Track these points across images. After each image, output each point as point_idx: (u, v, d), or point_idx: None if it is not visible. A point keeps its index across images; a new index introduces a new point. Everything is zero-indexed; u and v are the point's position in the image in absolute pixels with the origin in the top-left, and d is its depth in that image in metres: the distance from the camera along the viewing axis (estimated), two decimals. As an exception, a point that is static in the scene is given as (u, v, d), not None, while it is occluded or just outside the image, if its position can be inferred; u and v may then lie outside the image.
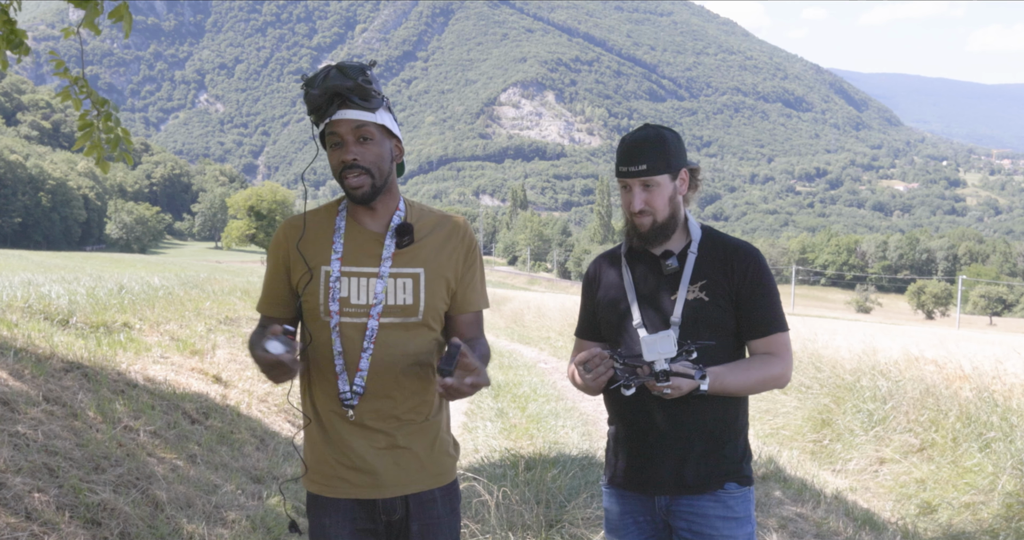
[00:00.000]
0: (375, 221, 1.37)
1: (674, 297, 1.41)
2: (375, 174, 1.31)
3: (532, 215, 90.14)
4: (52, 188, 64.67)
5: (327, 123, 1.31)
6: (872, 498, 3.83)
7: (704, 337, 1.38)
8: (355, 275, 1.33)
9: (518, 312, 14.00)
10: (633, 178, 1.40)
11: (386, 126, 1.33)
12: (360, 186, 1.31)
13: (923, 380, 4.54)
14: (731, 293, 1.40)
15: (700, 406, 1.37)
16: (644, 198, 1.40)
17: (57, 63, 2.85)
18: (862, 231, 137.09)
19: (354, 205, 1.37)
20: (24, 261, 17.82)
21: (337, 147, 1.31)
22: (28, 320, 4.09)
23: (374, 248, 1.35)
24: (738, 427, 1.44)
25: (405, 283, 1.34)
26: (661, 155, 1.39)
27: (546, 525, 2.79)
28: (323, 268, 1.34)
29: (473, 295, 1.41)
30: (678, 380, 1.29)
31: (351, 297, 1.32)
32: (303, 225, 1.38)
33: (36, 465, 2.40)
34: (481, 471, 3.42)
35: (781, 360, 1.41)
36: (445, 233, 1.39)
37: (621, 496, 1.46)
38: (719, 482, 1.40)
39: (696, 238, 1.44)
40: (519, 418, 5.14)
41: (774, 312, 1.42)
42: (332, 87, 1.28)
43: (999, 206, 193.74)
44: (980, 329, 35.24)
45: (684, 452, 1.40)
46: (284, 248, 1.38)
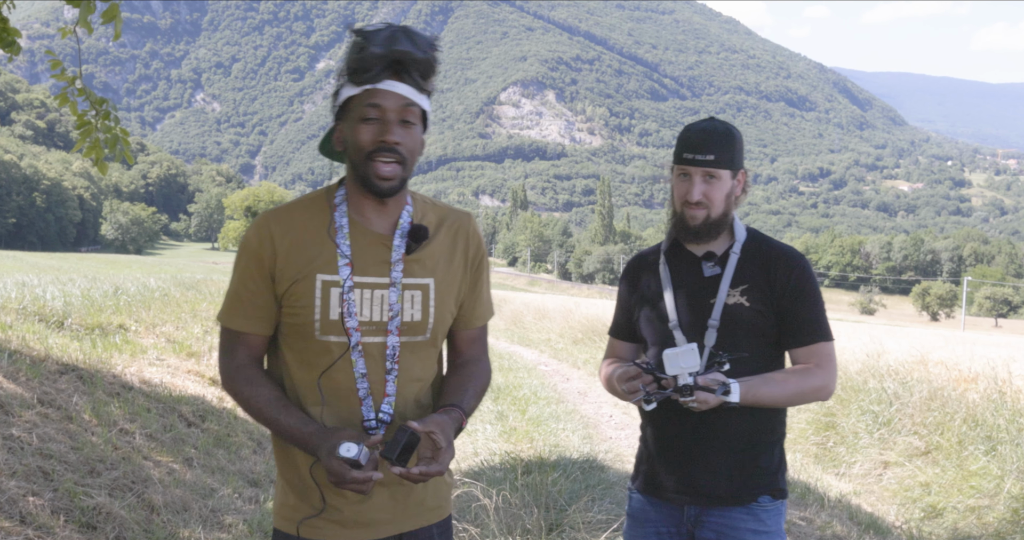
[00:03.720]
0: (382, 219, 1.14)
1: (713, 300, 1.36)
2: (408, 165, 1.10)
3: (532, 216, 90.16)
4: (47, 188, 64.58)
5: (366, 90, 1.06)
6: (876, 502, 3.79)
7: (742, 343, 1.33)
8: (365, 286, 1.11)
9: (518, 314, 13.98)
10: (697, 167, 1.35)
11: (427, 113, 1.13)
12: (392, 177, 1.08)
13: (929, 382, 4.50)
14: (773, 299, 1.35)
15: (734, 416, 1.33)
16: (703, 190, 1.34)
17: (54, 63, 2.83)
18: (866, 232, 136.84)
19: (360, 199, 1.13)
20: (18, 262, 17.85)
21: (372, 123, 1.07)
22: (23, 322, 4.09)
23: (381, 252, 1.12)
24: (774, 438, 1.39)
25: (414, 296, 1.13)
26: (728, 149, 1.35)
27: (546, 529, 2.75)
28: (320, 276, 1.10)
29: (481, 307, 1.23)
30: (704, 394, 1.25)
31: (362, 311, 1.11)
32: (317, 216, 1.13)
33: (31, 469, 2.38)
34: (480, 475, 3.39)
35: (823, 371, 1.35)
36: (452, 233, 1.18)
37: (648, 503, 1.43)
38: (753, 495, 1.36)
39: (740, 240, 1.40)
40: (519, 421, 5.10)
41: (818, 320, 1.37)
42: (399, 52, 1.05)
43: (1005, 206, 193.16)
44: (985, 331, 35.08)
45: (717, 462, 1.35)
46: (270, 247, 1.12)
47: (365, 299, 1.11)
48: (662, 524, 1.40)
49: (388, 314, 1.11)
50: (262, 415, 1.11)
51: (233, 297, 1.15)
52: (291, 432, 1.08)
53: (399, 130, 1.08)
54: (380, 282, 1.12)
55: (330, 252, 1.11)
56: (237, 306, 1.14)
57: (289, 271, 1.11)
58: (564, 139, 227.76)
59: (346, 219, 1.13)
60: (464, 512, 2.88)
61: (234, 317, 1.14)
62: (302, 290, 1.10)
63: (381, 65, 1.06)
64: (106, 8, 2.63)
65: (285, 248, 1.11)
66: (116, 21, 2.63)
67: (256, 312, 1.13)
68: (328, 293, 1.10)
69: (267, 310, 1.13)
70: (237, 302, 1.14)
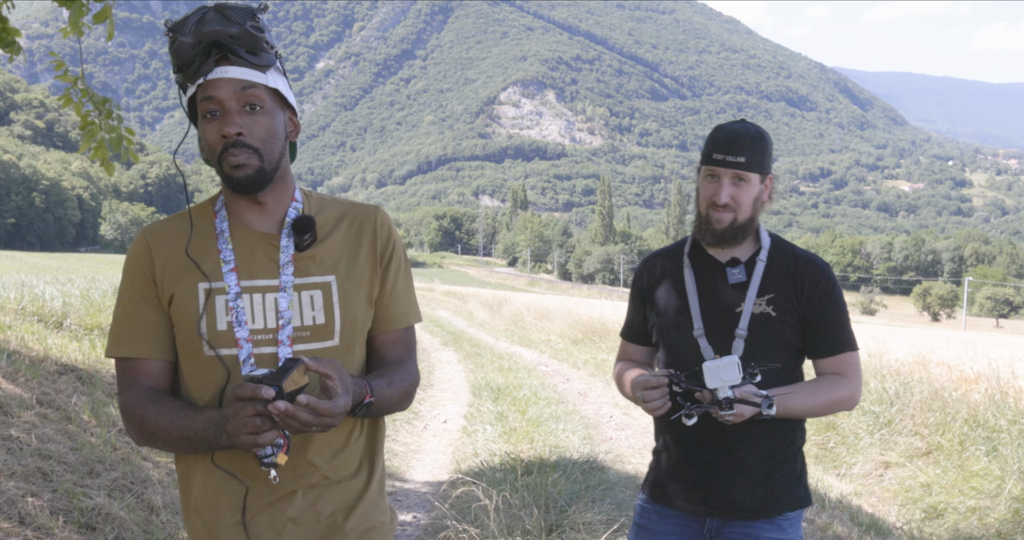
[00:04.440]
0: (264, 218, 1.04)
1: (739, 309, 1.33)
2: (264, 154, 0.98)
3: (532, 216, 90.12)
4: (46, 188, 64.52)
5: (201, 84, 0.97)
6: (877, 503, 3.78)
7: (769, 354, 1.30)
8: (251, 290, 1.00)
9: (518, 314, 13.96)
10: (727, 168, 1.31)
11: (280, 91, 1.00)
12: (244, 164, 0.97)
13: (930, 383, 4.49)
14: (799, 309, 1.33)
15: (761, 427, 1.31)
16: (732, 192, 1.31)
17: (57, 64, 2.82)
18: (867, 232, 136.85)
19: (235, 199, 1.03)
20: (17, 262, 17.86)
21: (214, 117, 0.97)
22: (22, 322, 4.09)
23: (268, 253, 1.02)
24: (796, 446, 1.38)
25: (313, 296, 1.02)
26: (759, 152, 1.32)
27: (547, 530, 2.75)
28: (202, 285, 1.00)
29: (398, 306, 1.09)
30: (741, 407, 1.22)
31: (253, 319, 0.99)
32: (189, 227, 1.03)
33: (30, 469, 2.38)
34: (481, 475, 3.38)
35: (850, 381, 1.33)
36: (356, 227, 1.07)
37: (665, 515, 1.39)
38: (779, 509, 1.34)
39: (765, 247, 1.36)
40: (519, 421, 5.09)
41: (844, 330, 1.35)
42: (210, 34, 0.94)
43: (1006, 206, 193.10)
44: (986, 331, 35.07)
45: (744, 474, 1.33)
46: (148, 260, 1.02)
47: (256, 305, 1.00)
48: (677, 535, 1.38)
49: (280, 321, 1.00)
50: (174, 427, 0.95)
51: (120, 322, 1.02)
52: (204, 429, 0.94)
53: (241, 119, 0.97)
54: (270, 285, 1.01)
55: (214, 259, 1.02)
56: (126, 331, 1.01)
57: (168, 282, 1.01)
58: (564, 139, 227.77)
59: (226, 223, 1.03)
60: (464, 513, 2.87)
61: (123, 344, 1.01)
62: (185, 302, 1.00)
63: (199, 53, 0.95)
64: (99, 10, 2.62)
65: (163, 259, 1.02)
66: (108, 22, 2.62)
67: (148, 333, 1.01)
68: (213, 302, 1.00)
69: (160, 330, 1.01)
70: (126, 326, 1.01)
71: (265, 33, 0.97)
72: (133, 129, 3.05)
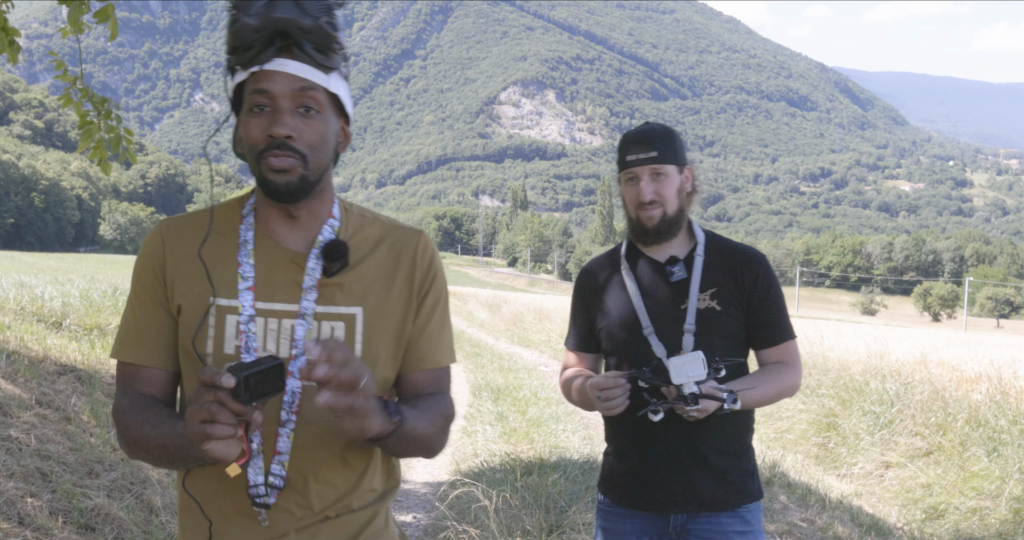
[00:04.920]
0: (295, 234, 0.91)
1: (684, 306, 1.35)
2: (311, 162, 0.86)
3: (532, 216, 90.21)
4: (45, 188, 64.45)
5: (254, 73, 0.85)
6: (878, 503, 3.78)
7: (718, 347, 1.32)
8: (267, 314, 0.89)
9: (518, 314, 13.96)
10: (643, 165, 1.34)
11: (340, 97, 0.90)
12: (286, 170, 0.85)
13: (931, 383, 4.49)
14: (742, 301, 1.36)
15: (720, 422, 1.33)
16: (654, 188, 1.34)
17: (57, 64, 2.82)
18: (867, 232, 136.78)
19: (267, 207, 0.91)
20: (17, 262, 17.81)
21: (262, 112, 0.86)
22: (21, 322, 4.09)
23: (292, 274, 0.90)
24: (749, 438, 1.42)
25: (334, 328, 0.90)
26: (670, 145, 1.35)
27: (547, 530, 2.75)
28: (217, 301, 0.89)
29: (430, 344, 0.95)
30: (705, 402, 1.24)
31: (265, 345, 0.89)
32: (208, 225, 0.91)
33: (29, 470, 2.37)
34: (480, 476, 3.38)
35: (793, 368, 1.38)
36: (395, 253, 0.94)
37: (628, 516, 1.40)
38: (740, 501, 1.37)
39: (701, 242, 1.39)
40: (519, 422, 5.09)
41: (785, 319, 1.39)
42: (280, 22, 0.83)
43: (1006, 207, 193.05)
44: (987, 331, 35.04)
45: (701, 468, 1.34)
46: (160, 260, 0.91)
47: (270, 330, 0.88)
48: (645, 534, 1.39)
49: (293, 350, 0.88)
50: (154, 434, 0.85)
51: (127, 323, 0.93)
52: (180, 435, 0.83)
53: (292, 120, 0.85)
54: (289, 310, 0.89)
55: (231, 272, 0.90)
56: (130, 334, 0.92)
57: (179, 289, 0.90)
58: (564, 139, 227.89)
59: (252, 232, 0.91)
60: (464, 513, 2.87)
61: (128, 347, 0.92)
62: (192, 316, 0.89)
63: (261, 40, 0.83)
64: (100, 8, 2.62)
65: (175, 260, 0.90)
66: (111, 21, 2.62)
67: (154, 339, 0.91)
68: (223, 321, 0.88)
69: (166, 337, 0.91)
70: (132, 329, 0.92)
71: (339, 32, 0.87)
72: (132, 129, 3.04)
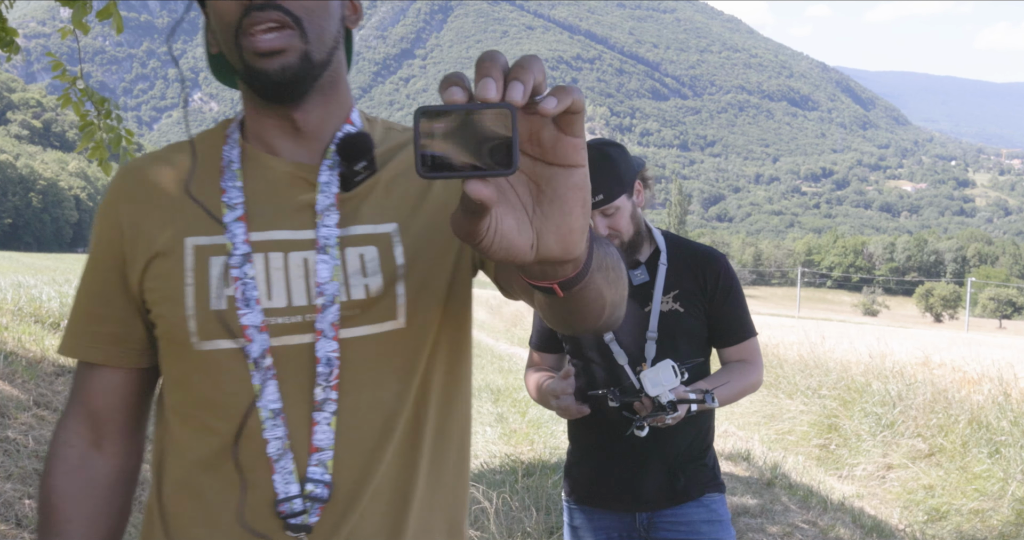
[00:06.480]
0: (300, 146, 0.65)
1: (647, 309, 1.35)
2: (309, 31, 0.60)
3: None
4: (43, 188, 64.46)
5: None
6: (879, 505, 3.76)
7: (683, 350, 1.34)
8: (271, 247, 0.63)
9: (518, 314, 13.95)
10: (592, 210, 1.32)
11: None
12: (280, 50, 0.59)
13: (933, 384, 4.48)
14: (704, 302, 1.37)
15: (682, 422, 1.35)
16: (607, 224, 1.33)
17: (55, 64, 2.82)
18: (869, 232, 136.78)
19: (260, 116, 0.65)
20: (14, 263, 17.83)
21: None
22: (19, 323, 4.09)
23: (298, 191, 0.64)
24: (711, 437, 1.45)
25: (364, 255, 0.63)
26: (615, 178, 1.31)
27: (547, 532, 2.73)
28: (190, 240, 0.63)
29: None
30: (682, 406, 1.26)
31: (271, 294, 0.62)
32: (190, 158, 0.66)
33: (27, 471, 2.37)
34: (480, 477, 3.37)
35: (757, 366, 1.40)
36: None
37: (593, 513, 1.42)
38: (701, 491, 1.40)
39: (662, 245, 1.41)
40: (519, 423, 5.08)
41: (746, 317, 1.41)
42: None
43: (1009, 207, 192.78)
44: (989, 332, 34.94)
45: (663, 468, 1.38)
46: (116, 219, 0.66)
47: (274, 269, 0.62)
48: (612, 530, 1.41)
49: (315, 296, 0.61)
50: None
51: (76, 311, 0.69)
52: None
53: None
54: (297, 239, 0.62)
55: (214, 202, 0.64)
56: (81, 323, 0.68)
57: (142, 244, 0.64)
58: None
59: (237, 150, 0.65)
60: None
61: (77, 341, 0.67)
62: (165, 268, 0.62)
63: None
64: (102, 7, 2.61)
65: (137, 210, 0.65)
66: (115, 18, 2.61)
67: (110, 328, 0.66)
68: (206, 265, 0.62)
69: (126, 325, 0.66)
70: (82, 317, 0.68)
71: None
72: (131, 129, 3.03)
